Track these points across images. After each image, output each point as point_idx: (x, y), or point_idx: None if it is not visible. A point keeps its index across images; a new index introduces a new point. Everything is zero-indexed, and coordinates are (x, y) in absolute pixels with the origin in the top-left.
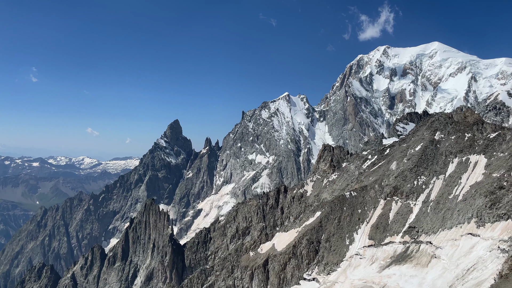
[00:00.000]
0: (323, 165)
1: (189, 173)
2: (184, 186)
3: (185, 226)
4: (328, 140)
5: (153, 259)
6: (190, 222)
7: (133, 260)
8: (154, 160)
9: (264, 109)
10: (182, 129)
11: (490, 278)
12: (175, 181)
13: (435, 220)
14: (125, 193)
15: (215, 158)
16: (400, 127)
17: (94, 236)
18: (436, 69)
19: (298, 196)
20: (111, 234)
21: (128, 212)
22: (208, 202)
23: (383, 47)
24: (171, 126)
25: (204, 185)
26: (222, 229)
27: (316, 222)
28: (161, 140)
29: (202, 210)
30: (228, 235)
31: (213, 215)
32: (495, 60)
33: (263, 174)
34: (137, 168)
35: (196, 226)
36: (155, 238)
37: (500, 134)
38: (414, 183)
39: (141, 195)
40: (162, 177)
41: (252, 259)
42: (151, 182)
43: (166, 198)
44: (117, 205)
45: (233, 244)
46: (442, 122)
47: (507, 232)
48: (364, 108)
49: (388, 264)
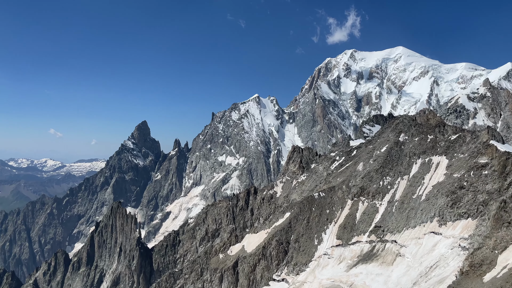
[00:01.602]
0: (293, 166)
1: (157, 175)
2: (152, 189)
3: (153, 229)
4: (297, 141)
5: (119, 263)
6: (159, 225)
7: (99, 265)
8: (121, 162)
9: (234, 110)
10: (150, 131)
11: (451, 275)
12: (143, 183)
13: (400, 219)
14: (90, 196)
15: (184, 160)
16: (367, 129)
17: (58, 241)
18: (400, 73)
19: (268, 198)
20: (76, 238)
21: (94, 215)
22: (177, 205)
23: (350, 51)
24: (138, 127)
25: (173, 187)
26: (191, 232)
27: (286, 223)
28: (128, 142)
29: (170, 212)
30: (197, 237)
31: (182, 217)
32: (456, 65)
33: (233, 175)
34: (103, 171)
35: (165, 229)
36: (122, 242)
37: (461, 136)
38: (380, 183)
39: (107, 198)
40: (129, 180)
41: (221, 261)
42: (117, 184)
43: (134, 201)
44: (82, 208)
45: (202, 247)
46: (406, 124)
47: (467, 230)
48: (332, 110)
49: (355, 263)
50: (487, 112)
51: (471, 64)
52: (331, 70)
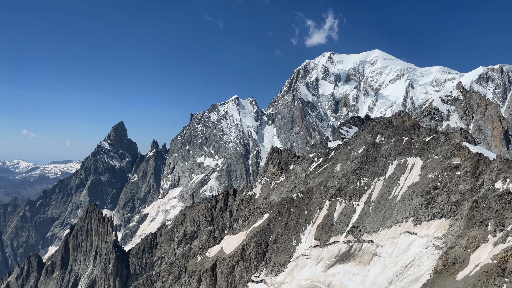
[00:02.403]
0: (272, 167)
1: (134, 177)
2: (129, 191)
3: (130, 231)
4: (276, 143)
5: (95, 267)
6: (136, 227)
7: (74, 268)
8: (97, 163)
9: (213, 111)
10: (127, 131)
11: (426, 273)
12: (119, 185)
13: (376, 219)
14: (65, 199)
15: (162, 161)
16: (344, 130)
17: (31, 244)
18: (377, 76)
19: (247, 199)
20: (50, 242)
21: (68, 218)
22: (155, 207)
23: (329, 53)
24: (115, 128)
25: (150, 189)
26: (169, 234)
27: (264, 224)
28: (104, 143)
29: (148, 215)
30: (175, 239)
31: (159, 219)
32: (430, 68)
33: (212, 177)
34: (78, 172)
35: (142, 231)
36: (98, 245)
37: (435, 137)
38: (357, 184)
39: (82, 200)
40: (105, 181)
41: (200, 263)
42: (93, 186)
43: (110, 203)
44: (56, 211)
45: (180, 249)
46: (383, 126)
47: (441, 229)
48: (310, 112)
49: (333, 263)
50: (460, 115)
51: (445, 67)
52: (310, 72)
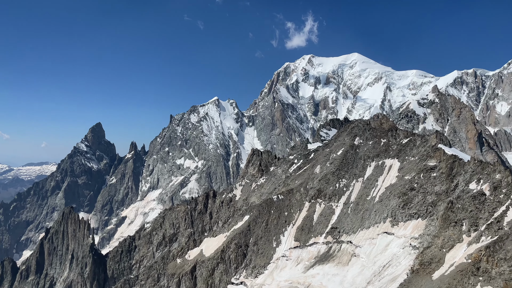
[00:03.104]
0: (252, 169)
1: (112, 179)
2: (106, 193)
3: (108, 235)
4: (256, 144)
5: (71, 271)
6: (113, 230)
7: (49, 273)
8: (74, 165)
9: (193, 113)
10: (105, 133)
11: (403, 273)
12: (96, 187)
13: (355, 220)
14: (40, 201)
15: (141, 163)
16: (324, 132)
17: (4, 248)
18: (355, 79)
19: (227, 201)
20: (24, 246)
21: (44, 221)
22: (133, 209)
23: (308, 56)
24: (92, 130)
25: (128, 192)
26: (148, 237)
27: (245, 226)
28: (81, 144)
29: (126, 217)
30: (154, 242)
31: (138, 222)
32: (407, 72)
33: (192, 179)
34: (54, 174)
35: (120, 234)
36: (74, 248)
37: (411, 140)
38: (336, 185)
39: (58, 203)
40: (82, 184)
41: (179, 266)
42: (69, 189)
43: (87, 205)
44: (31, 214)
45: (159, 252)
46: (361, 128)
47: (418, 230)
48: (290, 114)
49: (313, 264)
50: (435, 117)
51: (421, 71)
52: (290, 75)
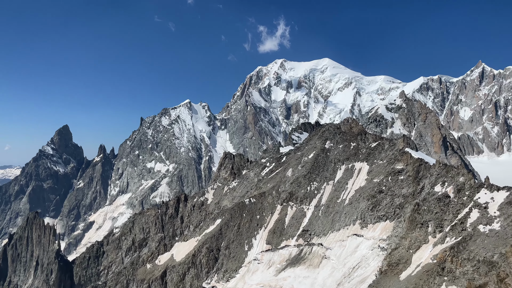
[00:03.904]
0: (224, 172)
1: (79, 183)
2: (73, 197)
3: (75, 240)
4: (229, 148)
5: (36, 278)
6: (81, 236)
7: (13, 280)
8: (39, 169)
9: (164, 116)
10: (72, 135)
11: (372, 274)
12: (63, 192)
13: (326, 223)
14: (3, 206)
15: (110, 167)
16: (295, 136)
17: None
18: (326, 84)
19: (199, 204)
20: None
21: (7, 227)
22: (102, 214)
23: (281, 60)
24: (59, 132)
25: (97, 196)
26: (117, 242)
27: (216, 229)
28: (47, 147)
29: (94, 222)
30: (123, 248)
31: (106, 227)
32: (376, 77)
33: (163, 182)
34: (18, 178)
35: (87, 240)
36: (39, 255)
37: (380, 143)
38: (308, 188)
39: (22, 208)
40: (48, 188)
41: (149, 272)
42: (34, 193)
43: (53, 210)
44: None
45: (128, 257)
46: (332, 132)
47: (386, 231)
48: (263, 117)
49: (284, 267)
50: (402, 122)
51: (389, 77)
52: (262, 78)
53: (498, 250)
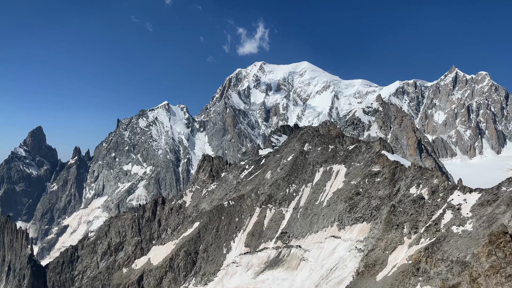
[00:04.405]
0: (203, 175)
1: (53, 186)
2: (47, 201)
3: (48, 245)
4: (208, 150)
5: (8, 283)
6: (54, 240)
7: None
8: (11, 171)
9: (141, 117)
10: (46, 137)
11: (349, 275)
12: (36, 195)
13: (304, 225)
14: None
15: (85, 169)
16: (275, 138)
17: None
18: (305, 87)
19: (177, 207)
20: None
21: None
22: (76, 218)
23: (260, 63)
24: (32, 134)
25: (71, 199)
26: (92, 246)
27: (195, 233)
28: (19, 149)
29: (68, 226)
30: (98, 252)
31: (81, 231)
32: (353, 81)
33: (140, 185)
34: None
35: (61, 244)
36: (11, 260)
37: (357, 146)
38: (286, 191)
39: None
40: (20, 191)
41: (125, 276)
42: (6, 196)
43: (25, 214)
44: None
45: (104, 262)
46: (310, 135)
47: (363, 233)
48: (242, 120)
49: (263, 270)
50: (379, 125)
51: (366, 81)
52: (242, 81)
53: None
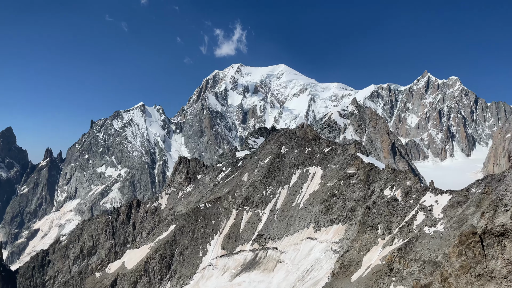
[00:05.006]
0: (179, 177)
1: (24, 189)
2: (17, 204)
3: (18, 249)
4: (184, 152)
5: None
6: (24, 244)
7: None
8: None
9: (116, 118)
10: (16, 138)
11: (325, 277)
12: (6, 197)
13: (281, 227)
14: None
15: (57, 172)
16: (252, 140)
17: None
18: (282, 89)
19: (152, 210)
20: None
21: None
22: (47, 221)
23: (237, 65)
24: (2, 135)
25: (42, 202)
26: (64, 250)
27: (170, 236)
28: None
29: (39, 230)
30: (70, 256)
31: (53, 235)
32: (330, 84)
33: (114, 188)
34: None
35: (32, 248)
36: None
37: (333, 148)
38: (263, 193)
39: None
40: None
41: (98, 281)
42: None
43: None
44: None
45: (76, 266)
46: (287, 137)
47: (338, 234)
48: (219, 122)
49: (239, 272)
50: (354, 128)
51: (342, 84)
52: (219, 83)
53: (442, 250)
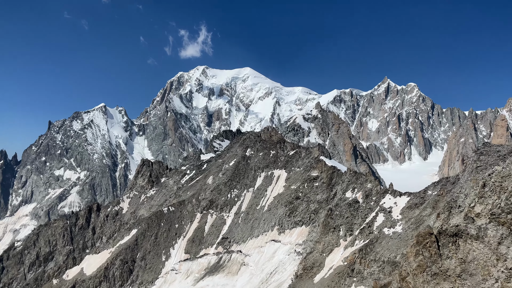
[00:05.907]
0: (141, 180)
1: None
2: None
3: None
4: (147, 155)
5: None
6: None
7: None
8: None
9: (76, 119)
10: None
11: (288, 278)
12: None
13: (245, 229)
14: None
15: (12, 174)
16: (217, 143)
17: None
18: (248, 92)
19: (113, 214)
20: None
21: None
22: (1, 226)
23: (203, 67)
24: None
25: None
26: (19, 257)
27: (132, 240)
28: None
29: None
30: (26, 263)
31: (7, 241)
32: (294, 88)
33: (73, 191)
34: None
35: None
36: None
37: (297, 151)
38: (228, 196)
39: None
40: None
41: None
42: None
43: None
44: None
45: (32, 273)
46: (252, 140)
47: (302, 236)
48: (184, 124)
49: (203, 276)
50: (318, 131)
51: (306, 88)
52: (184, 84)
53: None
